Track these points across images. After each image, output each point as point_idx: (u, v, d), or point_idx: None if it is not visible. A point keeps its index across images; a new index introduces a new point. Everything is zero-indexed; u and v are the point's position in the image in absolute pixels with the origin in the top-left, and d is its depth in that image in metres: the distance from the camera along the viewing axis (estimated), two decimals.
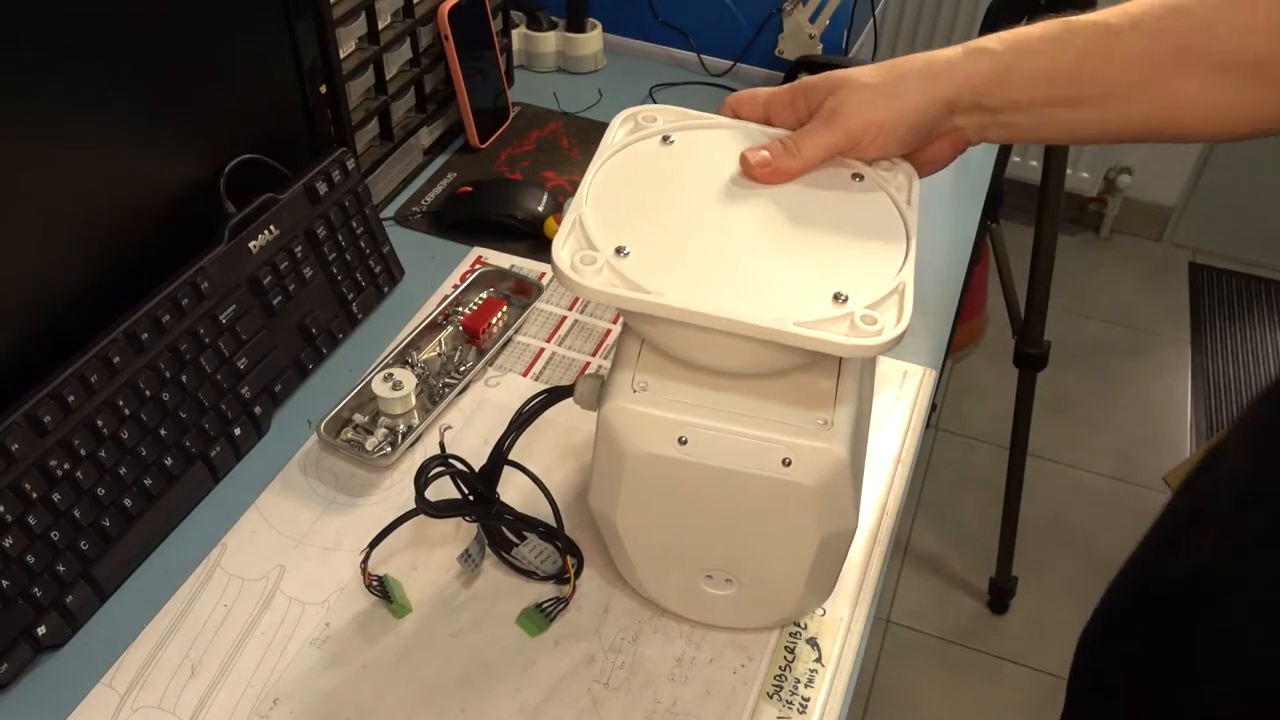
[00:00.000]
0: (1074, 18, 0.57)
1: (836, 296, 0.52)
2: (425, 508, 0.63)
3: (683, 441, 0.55)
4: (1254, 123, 0.56)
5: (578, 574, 0.67)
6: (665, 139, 0.62)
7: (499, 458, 0.66)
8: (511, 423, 0.65)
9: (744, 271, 0.53)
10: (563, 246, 0.54)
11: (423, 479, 0.63)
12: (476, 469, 0.66)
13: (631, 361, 0.58)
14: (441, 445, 0.66)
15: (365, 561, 0.66)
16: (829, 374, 0.57)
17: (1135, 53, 0.55)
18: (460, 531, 0.72)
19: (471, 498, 0.66)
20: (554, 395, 0.65)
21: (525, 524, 0.67)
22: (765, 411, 0.55)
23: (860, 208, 0.58)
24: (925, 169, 0.63)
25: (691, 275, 0.53)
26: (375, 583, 0.66)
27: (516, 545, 0.68)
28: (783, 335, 0.50)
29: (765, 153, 0.59)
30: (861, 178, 0.60)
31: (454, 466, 0.65)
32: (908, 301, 0.52)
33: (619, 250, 0.54)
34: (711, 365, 0.56)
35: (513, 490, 0.69)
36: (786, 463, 0.55)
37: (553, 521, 0.68)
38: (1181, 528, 0.67)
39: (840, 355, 0.52)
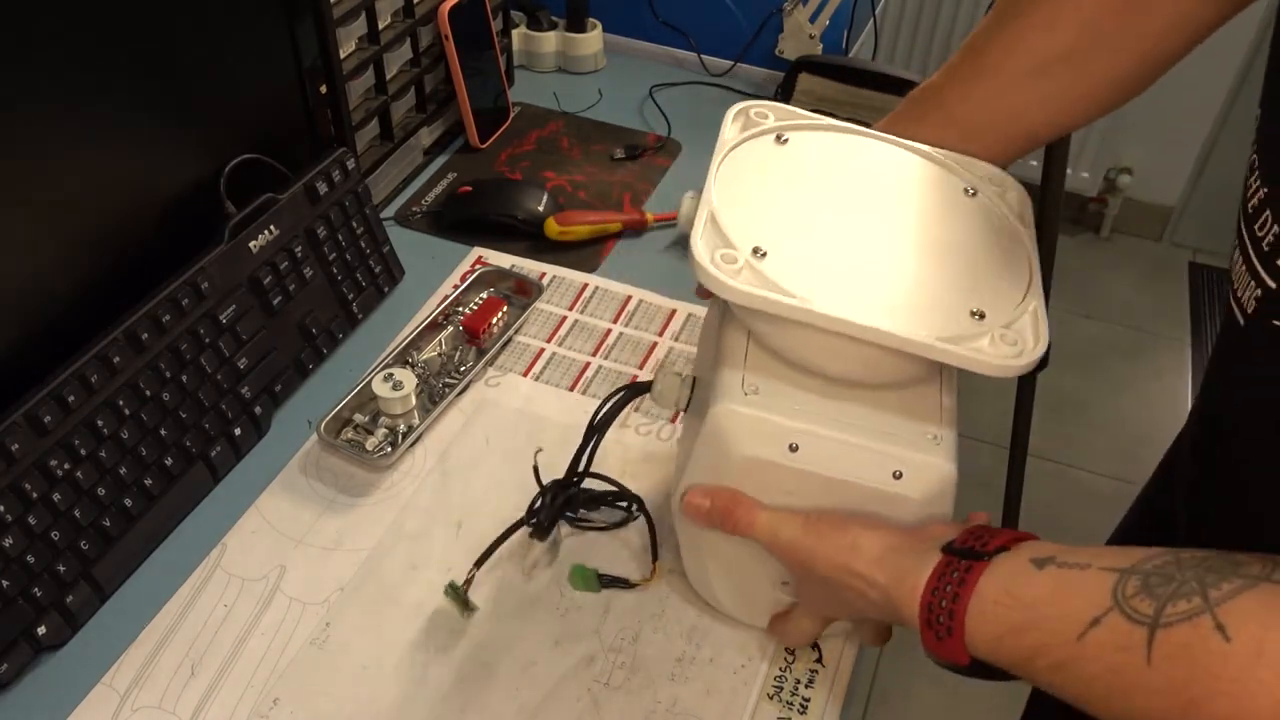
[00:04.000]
0: (918, 90, 0.65)
1: (973, 313, 0.52)
2: (539, 534, 0.68)
3: (794, 448, 0.54)
4: (1087, 113, 0.64)
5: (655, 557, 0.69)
6: (779, 138, 0.61)
7: (580, 470, 0.68)
8: (589, 430, 0.66)
9: (879, 281, 0.53)
10: (700, 243, 0.53)
11: (549, 518, 0.67)
12: (546, 482, 0.69)
13: (739, 361, 0.57)
14: (536, 470, 0.69)
15: (469, 581, 0.66)
16: (935, 387, 0.57)
17: (961, 98, 0.64)
18: (461, 535, 0.72)
19: (562, 502, 0.69)
20: (631, 392, 0.64)
21: (607, 502, 0.71)
22: (878, 422, 0.55)
23: (977, 223, 0.58)
24: None
25: (830, 282, 0.52)
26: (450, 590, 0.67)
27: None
28: (932, 350, 0.50)
29: None
30: (974, 193, 0.60)
31: (554, 492, 0.68)
32: (1043, 322, 0.52)
33: (756, 251, 0.53)
34: (832, 372, 0.55)
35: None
36: (898, 475, 0.54)
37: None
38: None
39: (986, 374, 0.51)
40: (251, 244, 0.77)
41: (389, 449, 0.76)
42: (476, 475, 0.75)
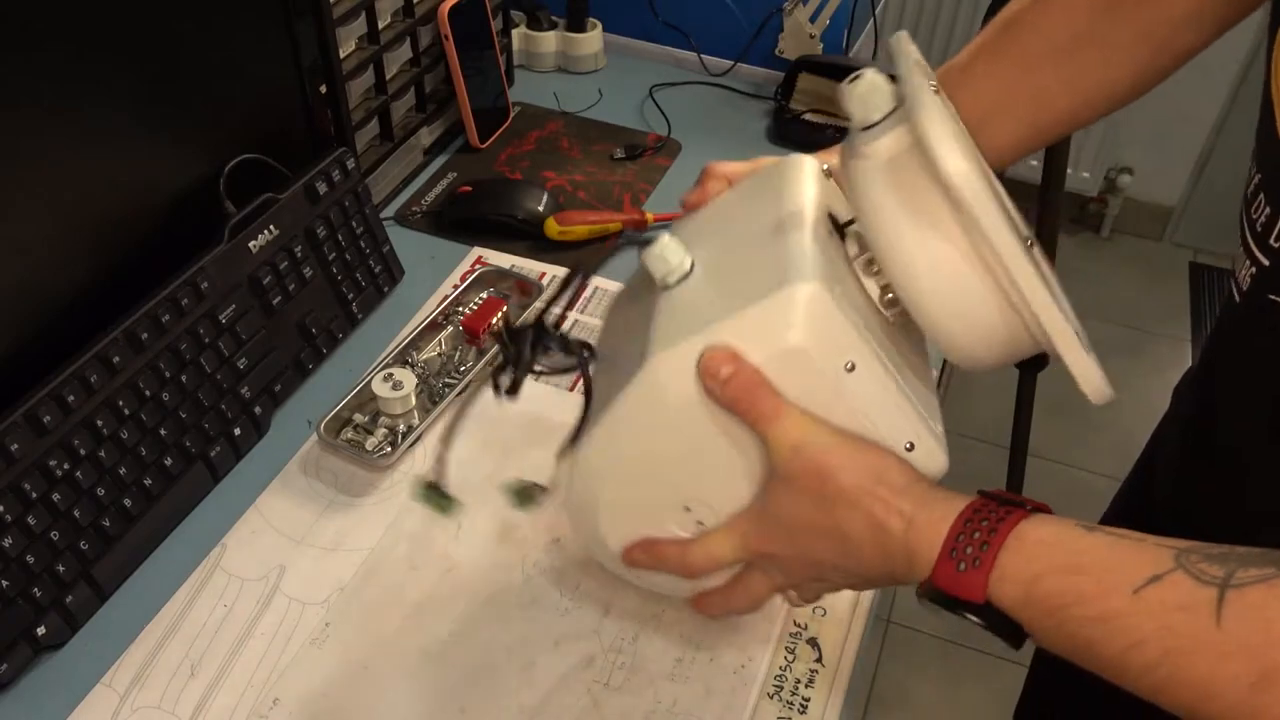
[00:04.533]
0: None
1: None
2: (511, 390, 0.55)
3: (850, 369, 0.49)
4: (1114, 96, 0.64)
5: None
6: (936, 90, 0.56)
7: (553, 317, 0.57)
8: (568, 279, 0.56)
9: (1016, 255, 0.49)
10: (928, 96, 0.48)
11: (521, 364, 0.55)
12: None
13: (822, 255, 0.51)
14: (504, 329, 0.57)
15: (441, 468, 0.59)
16: (933, 386, 0.56)
17: (988, 73, 0.64)
18: (461, 535, 0.72)
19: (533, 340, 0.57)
20: (624, 241, 0.56)
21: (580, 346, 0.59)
22: (916, 392, 0.52)
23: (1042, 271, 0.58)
24: None
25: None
26: (428, 489, 0.60)
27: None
28: (1064, 343, 0.47)
29: None
30: (1032, 244, 0.58)
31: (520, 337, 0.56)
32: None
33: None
34: (944, 312, 0.50)
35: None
36: (909, 448, 0.51)
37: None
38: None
39: (1088, 392, 0.49)
40: (251, 244, 0.77)
41: (389, 449, 0.76)
42: (476, 475, 0.75)
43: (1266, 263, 0.50)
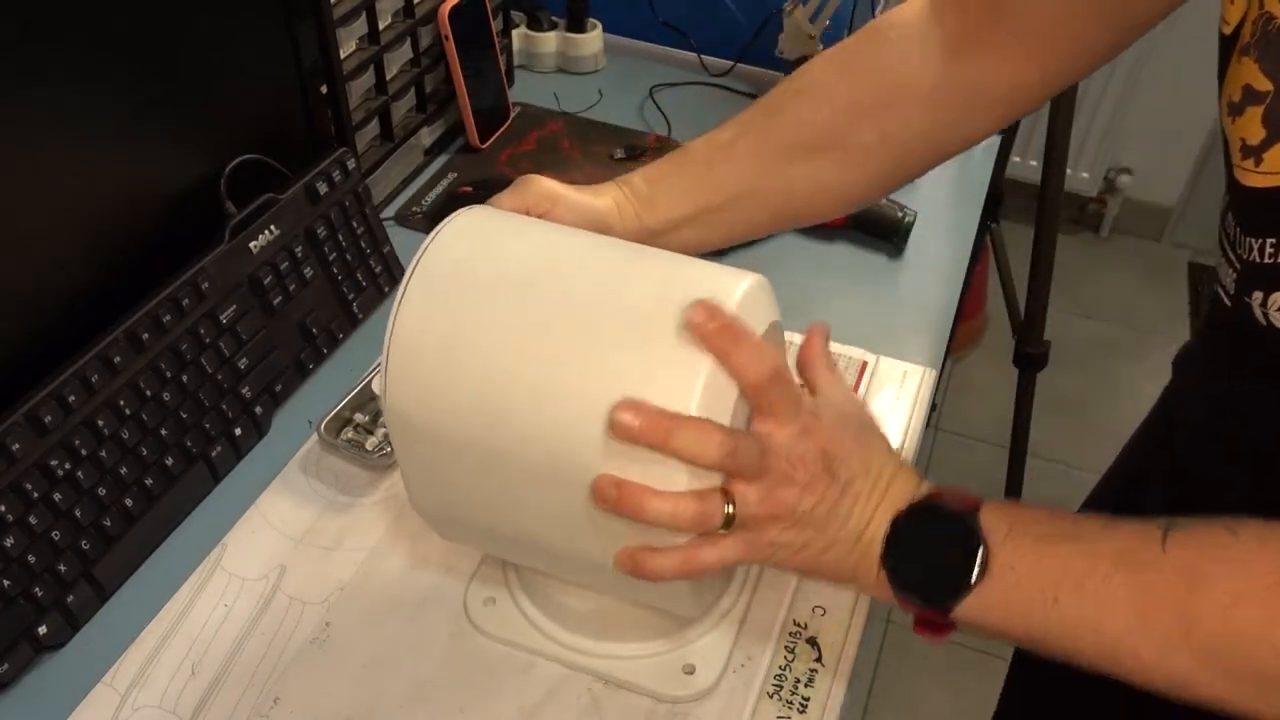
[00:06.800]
0: (689, 143, 0.68)
1: None
2: None
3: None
4: (854, 196, 0.68)
5: None
6: None
7: None
8: None
9: None
10: None
11: None
12: None
13: None
14: None
15: None
16: None
17: (749, 154, 0.66)
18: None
19: None
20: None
21: None
22: None
23: None
24: None
25: None
26: None
27: None
28: None
29: None
30: None
31: None
32: None
33: None
34: None
35: None
36: None
37: None
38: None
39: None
40: (252, 244, 0.77)
41: (389, 449, 0.76)
42: None
43: (1240, 268, 0.54)
